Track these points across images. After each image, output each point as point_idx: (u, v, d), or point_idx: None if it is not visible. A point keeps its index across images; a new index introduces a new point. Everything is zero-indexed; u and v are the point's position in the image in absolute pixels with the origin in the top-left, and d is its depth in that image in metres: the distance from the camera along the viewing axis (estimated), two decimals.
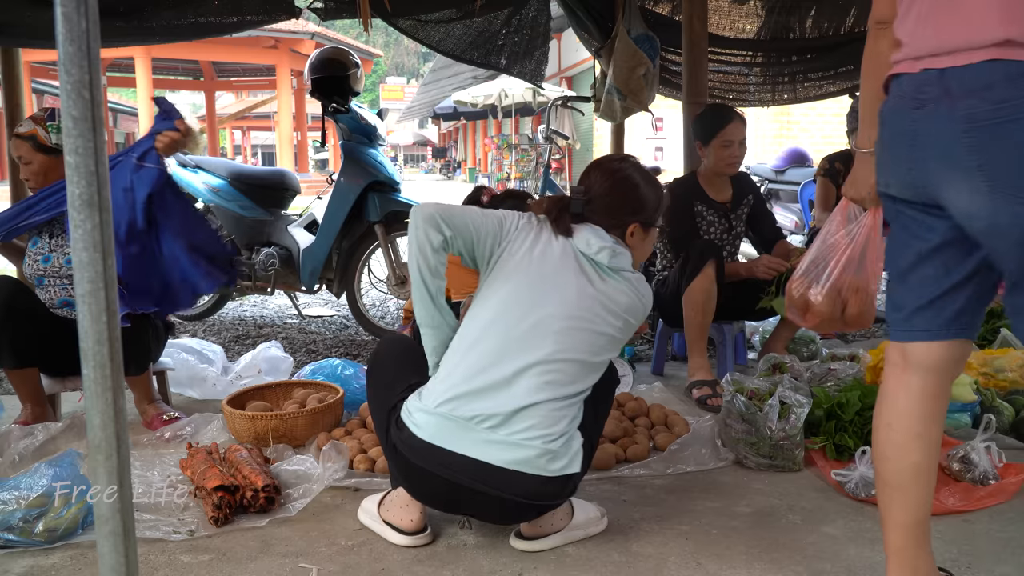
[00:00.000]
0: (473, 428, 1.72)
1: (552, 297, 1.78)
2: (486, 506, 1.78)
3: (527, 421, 1.71)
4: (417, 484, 1.82)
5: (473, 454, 1.71)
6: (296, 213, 4.59)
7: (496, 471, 1.70)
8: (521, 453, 1.70)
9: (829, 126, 16.66)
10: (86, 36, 0.98)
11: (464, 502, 1.79)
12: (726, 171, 3.22)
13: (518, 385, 1.72)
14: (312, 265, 4.14)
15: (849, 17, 5.07)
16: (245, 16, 4.08)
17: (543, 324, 1.76)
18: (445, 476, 1.73)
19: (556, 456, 1.72)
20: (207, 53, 16.59)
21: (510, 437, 1.71)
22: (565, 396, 1.75)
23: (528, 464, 1.70)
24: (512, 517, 1.84)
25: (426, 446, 1.74)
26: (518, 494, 1.72)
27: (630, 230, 1.90)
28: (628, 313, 1.83)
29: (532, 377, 1.73)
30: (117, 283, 1.08)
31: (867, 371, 2.85)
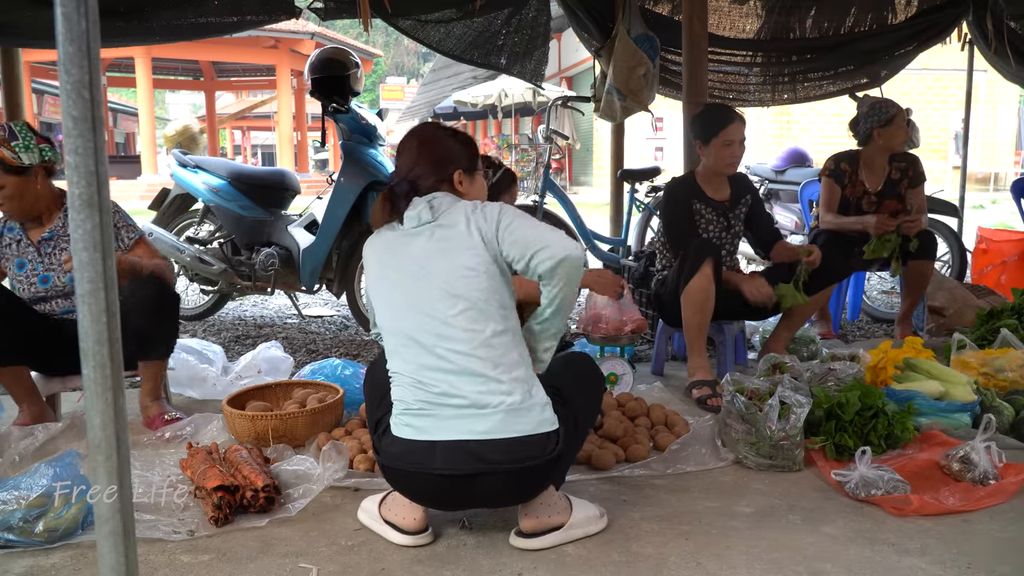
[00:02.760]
0: (439, 412, 1.78)
1: (422, 280, 1.84)
2: (484, 488, 1.79)
3: (472, 382, 1.77)
4: (411, 489, 1.85)
5: (448, 436, 1.76)
6: (296, 213, 4.59)
7: (476, 444, 1.75)
8: (488, 420, 1.75)
9: (829, 126, 16.66)
10: (86, 36, 0.98)
11: (462, 490, 1.80)
12: (725, 171, 3.22)
13: (446, 357, 1.78)
14: (312, 265, 4.14)
15: (849, 17, 5.07)
16: (245, 16, 4.09)
17: (427, 301, 1.82)
18: (434, 472, 1.76)
19: (520, 410, 1.77)
20: (207, 53, 16.60)
21: (471, 407, 1.76)
22: (485, 340, 1.78)
23: (501, 427, 1.75)
24: (509, 492, 1.84)
25: (405, 445, 1.80)
26: (505, 461, 1.75)
27: (456, 179, 1.96)
28: (474, 227, 1.84)
29: (450, 342, 1.79)
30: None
31: (867, 371, 2.86)
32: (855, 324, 4.54)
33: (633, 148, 14.42)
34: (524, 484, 1.83)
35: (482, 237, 1.82)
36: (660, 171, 5.17)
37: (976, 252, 5.06)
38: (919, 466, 2.27)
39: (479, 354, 1.78)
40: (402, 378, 1.84)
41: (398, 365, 1.86)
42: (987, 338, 3.35)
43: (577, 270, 1.80)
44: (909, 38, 5.04)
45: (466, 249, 1.82)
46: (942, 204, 4.79)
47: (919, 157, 3.99)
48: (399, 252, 1.90)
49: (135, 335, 2.62)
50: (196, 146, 11.97)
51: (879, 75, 5.27)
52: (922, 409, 2.58)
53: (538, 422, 1.78)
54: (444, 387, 1.78)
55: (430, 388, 1.79)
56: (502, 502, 1.91)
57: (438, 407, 1.79)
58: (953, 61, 11.41)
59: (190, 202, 4.65)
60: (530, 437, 1.77)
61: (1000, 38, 4.78)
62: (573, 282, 1.81)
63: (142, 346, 2.67)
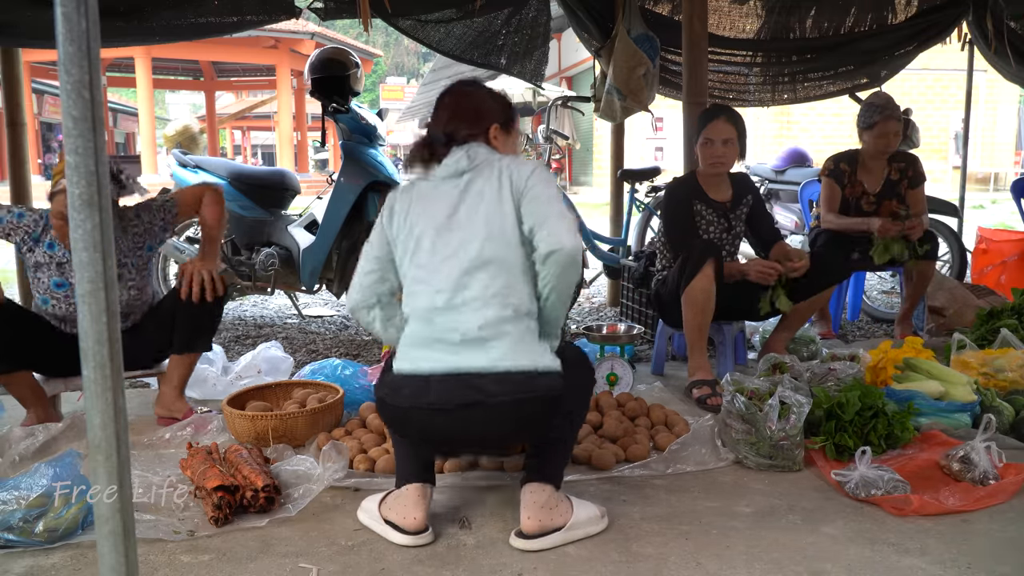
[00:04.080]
0: (439, 347, 1.81)
1: (448, 227, 1.87)
2: (478, 423, 1.79)
3: (479, 319, 1.79)
4: (407, 426, 1.87)
5: (444, 368, 1.79)
6: (296, 213, 4.59)
7: (471, 377, 1.77)
8: (488, 354, 1.78)
9: (829, 126, 16.66)
10: (86, 36, 0.98)
11: (456, 425, 1.80)
12: (710, 170, 3.22)
13: (460, 300, 1.82)
14: (312, 265, 4.14)
15: (849, 17, 5.07)
16: (245, 16, 4.09)
17: (451, 247, 1.86)
18: (426, 406, 1.78)
19: (520, 346, 1.80)
20: (207, 53, 16.59)
21: (473, 341, 1.79)
22: (501, 288, 1.81)
23: (500, 360, 1.77)
24: (504, 430, 1.85)
25: (401, 380, 1.83)
26: (500, 393, 1.75)
27: (492, 133, 1.99)
28: (506, 179, 1.87)
29: (467, 290, 1.82)
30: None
31: (867, 371, 2.86)
32: (855, 324, 4.54)
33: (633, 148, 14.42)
34: (520, 421, 1.81)
35: (511, 190, 1.86)
36: (660, 171, 5.17)
37: (976, 252, 5.06)
38: (919, 466, 2.27)
39: (492, 299, 1.81)
40: (413, 317, 1.89)
41: (411, 305, 1.89)
42: (987, 338, 3.35)
43: (570, 266, 1.80)
44: (909, 38, 5.04)
45: (496, 201, 1.86)
46: (942, 204, 4.79)
47: (919, 157, 3.99)
48: (430, 198, 1.92)
49: (187, 325, 2.71)
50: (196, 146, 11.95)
51: (879, 75, 5.27)
52: (922, 409, 2.58)
53: (538, 360, 1.80)
54: (451, 324, 1.81)
55: (437, 326, 1.83)
56: (496, 441, 1.91)
57: (439, 343, 1.82)
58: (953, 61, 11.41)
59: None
60: (529, 373, 1.78)
61: (1000, 38, 4.78)
62: (565, 274, 1.82)
63: (191, 336, 2.74)
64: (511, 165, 1.90)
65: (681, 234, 3.24)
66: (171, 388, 2.77)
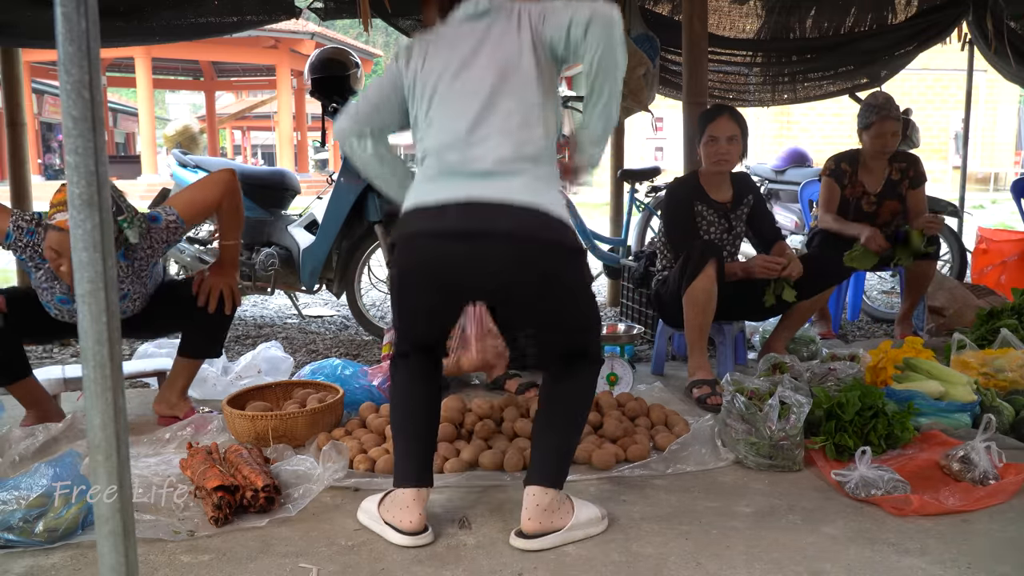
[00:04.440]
0: (456, 174, 1.79)
1: (468, 67, 1.84)
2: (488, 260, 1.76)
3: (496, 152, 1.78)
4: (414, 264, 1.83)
5: (463, 196, 1.76)
6: (296, 213, 4.59)
7: (490, 206, 1.75)
8: (506, 184, 1.76)
9: (829, 126, 16.67)
10: (86, 36, 0.98)
11: (467, 264, 1.77)
12: (713, 168, 3.21)
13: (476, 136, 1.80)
14: (312, 265, 4.14)
15: (849, 17, 5.08)
16: (245, 16, 4.09)
17: (471, 86, 1.83)
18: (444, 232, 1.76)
19: (538, 183, 1.78)
20: (207, 53, 16.60)
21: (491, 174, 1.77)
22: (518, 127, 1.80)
23: (519, 191, 1.75)
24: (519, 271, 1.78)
25: (414, 213, 1.81)
26: (520, 227, 1.73)
27: None
28: (525, 19, 1.84)
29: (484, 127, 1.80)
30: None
31: (867, 371, 2.86)
32: (855, 324, 4.54)
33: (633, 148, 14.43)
34: (531, 265, 1.77)
35: (531, 30, 1.84)
36: (660, 171, 5.17)
37: (976, 252, 5.06)
38: (919, 466, 2.27)
39: (508, 137, 1.79)
40: (428, 154, 1.85)
41: (427, 143, 1.86)
42: (987, 338, 3.35)
43: (610, 26, 1.75)
44: (909, 38, 5.04)
45: (515, 40, 1.84)
46: (942, 204, 4.80)
47: (919, 158, 3.99)
48: (450, 41, 1.90)
49: (201, 332, 2.72)
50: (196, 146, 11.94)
51: (879, 75, 5.27)
52: (922, 409, 2.58)
53: (553, 206, 1.79)
54: (467, 158, 1.79)
55: (453, 160, 1.81)
56: (508, 291, 1.82)
57: (456, 175, 1.79)
58: (953, 61, 11.41)
59: None
60: (544, 214, 1.76)
61: (1000, 38, 4.78)
62: (611, 43, 1.76)
63: (205, 344, 2.75)
64: (531, 7, 1.86)
65: (682, 234, 3.24)
66: (175, 390, 2.78)
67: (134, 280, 2.60)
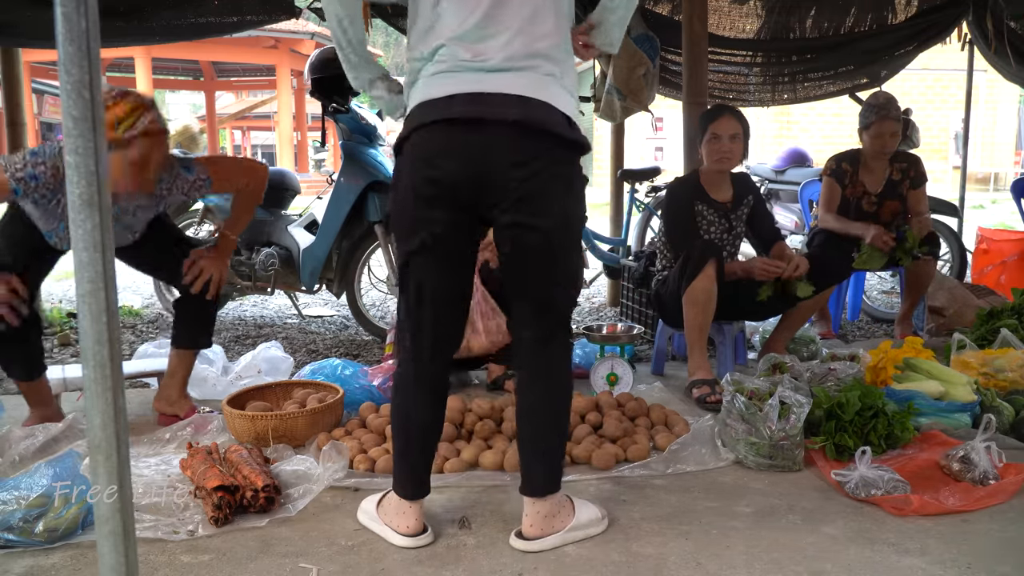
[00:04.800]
0: (465, 69, 1.73)
1: None
2: (496, 152, 1.71)
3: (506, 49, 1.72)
4: (421, 159, 1.75)
5: (472, 88, 1.71)
6: (296, 213, 4.59)
7: (492, 96, 1.70)
8: (516, 80, 1.71)
9: (829, 126, 16.66)
10: (86, 36, 0.98)
11: (474, 153, 1.71)
12: (715, 166, 3.21)
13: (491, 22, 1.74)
14: (312, 265, 4.14)
15: (849, 17, 5.08)
16: (245, 16, 4.09)
17: None
18: (447, 117, 1.71)
19: (546, 80, 1.74)
20: (207, 53, 16.57)
21: (501, 69, 1.72)
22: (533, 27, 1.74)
23: (525, 87, 1.72)
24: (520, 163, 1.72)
25: (426, 104, 1.75)
26: (517, 117, 1.69)
27: None
28: None
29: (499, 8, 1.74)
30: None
31: (867, 371, 2.85)
32: (855, 324, 4.54)
33: (633, 148, 14.42)
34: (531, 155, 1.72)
35: None
36: (660, 171, 5.17)
37: (976, 252, 5.06)
38: (919, 466, 2.27)
39: (519, 34, 1.73)
40: (436, 50, 1.76)
41: (434, 37, 1.76)
42: (987, 338, 3.35)
43: None
44: (909, 38, 5.04)
45: None
46: (942, 204, 4.80)
47: (920, 158, 3.99)
48: None
49: (191, 318, 2.75)
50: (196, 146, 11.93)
51: (879, 75, 5.27)
52: (922, 409, 2.58)
53: (563, 103, 1.76)
54: (477, 53, 1.73)
55: (461, 55, 1.73)
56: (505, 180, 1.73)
57: (465, 70, 1.73)
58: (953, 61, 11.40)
59: (190, 202, 4.65)
60: (555, 108, 1.73)
61: (1000, 38, 4.78)
62: None
63: (196, 331, 2.76)
64: None
65: (682, 234, 3.24)
66: (175, 385, 2.78)
67: (140, 213, 2.65)
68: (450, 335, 1.92)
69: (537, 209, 1.75)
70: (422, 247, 1.79)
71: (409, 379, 1.90)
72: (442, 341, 1.90)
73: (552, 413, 1.88)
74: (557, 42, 1.79)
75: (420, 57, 1.80)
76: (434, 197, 1.75)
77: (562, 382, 1.90)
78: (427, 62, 1.79)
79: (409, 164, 1.78)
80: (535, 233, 1.76)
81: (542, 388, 1.88)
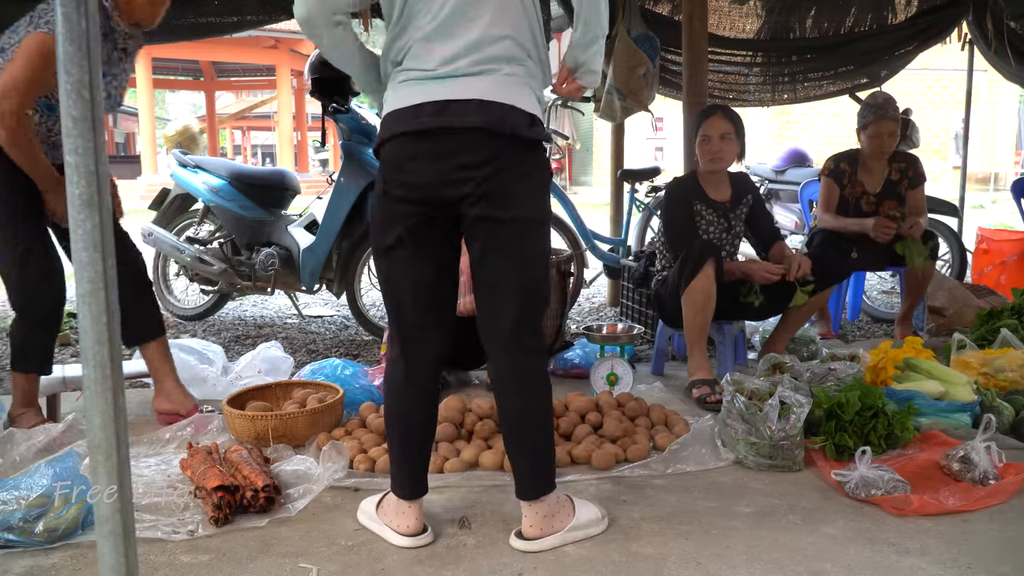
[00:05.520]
0: (431, 77, 1.76)
1: None
2: (464, 152, 1.74)
3: (468, 40, 1.75)
4: (396, 165, 1.79)
5: (435, 97, 1.74)
6: (296, 213, 4.59)
7: (458, 104, 1.73)
8: (476, 82, 1.74)
9: (829, 126, 16.66)
10: (86, 36, 0.98)
11: (442, 161, 1.75)
12: (708, 166, 3.22)
13: (462, 22, 1.76)
14: (312, 265, 4.14)
15: (849, 17, 5.08)
16: (245, 16, 4.09)
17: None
18: (416, 129, 1.74)
19: (509, 82, 1.77)
20: (207, 53, 16.57)
21: (458, 70, 1.75)
22: (497, 34, 1.76)
23: (487, 91, 1.74)
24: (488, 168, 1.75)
25: (392, 115, 1.78)
26: (480, 122, 1.72)
27: None
28: None
29: (467, 27, 1.75)
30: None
31: (867, 371, 2.85)
32: (855, 324, 4.54)
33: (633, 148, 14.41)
34: (503, 157, 1.76)
35: None
36: (660, 171, 5.17)
37: (976, 252, 5.06)
38: (919, 466, 2.27)
39: (485, 37, 1.75)
40: (401, 58, 1.80)
41: (400, 44, 1.80)
42: (987, 338, 3.35)
43: None
44: (909, 38, 5.04)
45: None
46: (942, 204, 4.80)
47: (919, 158, 3.99)
48: None
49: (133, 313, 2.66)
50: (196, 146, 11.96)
51: (879, 75, 5.27)
52: (922, 409, 2.58)
53: (523, 102, 1.78)
54: (440, 58, 1.76)
55: (426, 62, 1.76)
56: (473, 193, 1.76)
57: (430, 78, 1.76)
58: (953, 61, 11.41)
59: (190, 202, 4.65)
60: (518, 110, 1.76)
61: (1000, 38, 4.78)
62: None
63: (144, 322, 2.75)
64: None
65: (681, 234, 3.24)
66: (164, 379, 2.78)
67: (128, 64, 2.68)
68: (435, 331, 1.91)
69: (504, 204, 1.79)
70: (398, 241, 1.83)
71: (399, 378, 1.91)
72: (427, 337, 1.90)
73: (531, 415, 1.87)
74: (522, 40, 1.81)
75: (392, 60, 1.84)
76: (405, 197, 1.81)
77: (537, 382, 1.88)
78: (397, 67, 1.83)
79: (384, 170, 1.84)
80: (503, 225, 1.80)
81: (517, 391, 1.86)
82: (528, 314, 1.85)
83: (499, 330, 1.85)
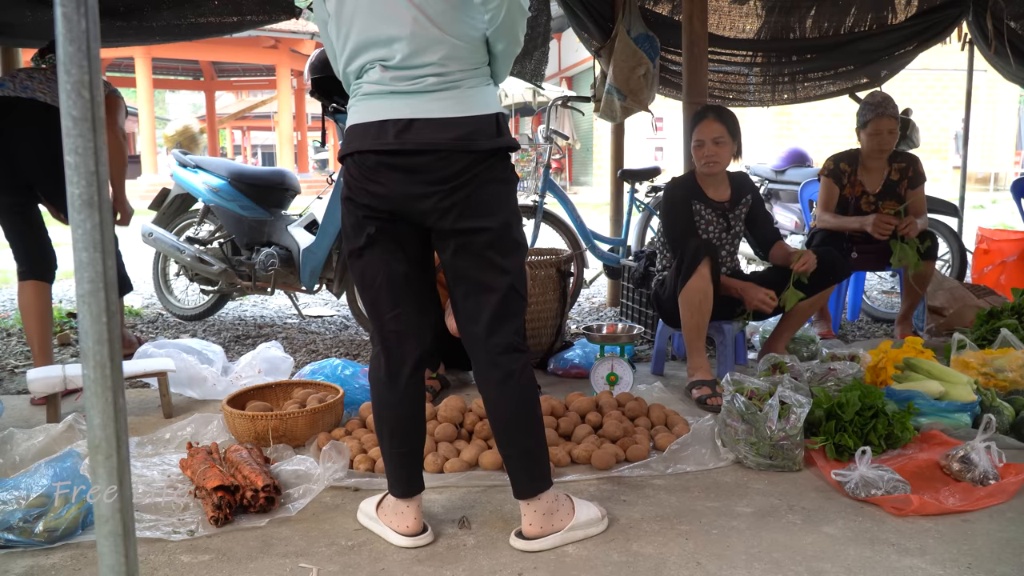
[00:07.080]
0: (395, 94, 1.75)
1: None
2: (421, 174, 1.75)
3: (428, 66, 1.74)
4: (369, 184, 1.79)
5: (397, 115, 1.74)
6: (296, 213, 4.59)
7: (420, 124, 1.73)
8: (436, 100, 1.74)
9: (829, 126, 16.66)
10: (86, 36, 0.98)
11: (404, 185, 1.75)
12: (704, 170, 3.23)
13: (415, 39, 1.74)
14: (312, 265, 4.14)
15: (849, 17, 5.08)
16: (245, 16, 4.09)
17: (392, 9, 1.75)
18: (387, 148, 1.74)
19: (466, 94, 1.77)
20: (207, 53, 16.59)
21: (407, 79, 1.74)
22: (443, 37, 1.74)
23: (448, 108, 1.75)
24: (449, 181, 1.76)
25: (357, 130, 1.79)
26: (448, 143, 1.73)
27: None
28: None
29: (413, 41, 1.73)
30: None
31: (867, 371, 2.86)
32: (855, 324, 4.54)
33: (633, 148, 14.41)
34: (471, 169, 1.77)
35: None
36: (660, 171, 5.17)
37: (976, 252, 5.06)
38: (919, 466, 2.28)
39: (436, 54, 1.74)
40: (362, 73, 1.80)
41: (351, 52, 1.80)
42: (987, 338, 3.35)
43: None
44: (909, 38, 5.04)
45: None
46: (942, 204, 4.79)
47: (919, 157, 3.99)
48: None
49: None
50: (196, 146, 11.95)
51: (879, 75, 5.27)
52: (922, 409, 2.58)
53: (486, 105, 1.79)
54: (394, 76, 1.75)
55: (384, 76, 1.76)
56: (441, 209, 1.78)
57: (393, 94, 1.76)
58: (953, 61, 11.41)
59: (190, 202, 4.65)
60: (480, 119, 1.77)
61: (1000, 38, 4.78)
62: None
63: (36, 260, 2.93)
64: None
65: (680, 234, 3.24)
66: None
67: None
68: (413, 325, 1.90)
69: (473, 214, 1.80)
70: (368, 240, 1.84)
71: (381, 373, 1.90)
72: (406, 332, 1.89)
73: (518, 414, 1.86)
74: (470, 54, 1.79)
75: (351, 71, 1.83)
76: (370, 205, 1.82)
77: (521, 382, 1.87)
78: (357, 78, 1.83)
79: (348, 181, 1.84)
80: (473, 234, 1.81)
81: (501, 391, 1.85)
82: (505, 313, 1.85)
83: (475, 332, 1.86)
